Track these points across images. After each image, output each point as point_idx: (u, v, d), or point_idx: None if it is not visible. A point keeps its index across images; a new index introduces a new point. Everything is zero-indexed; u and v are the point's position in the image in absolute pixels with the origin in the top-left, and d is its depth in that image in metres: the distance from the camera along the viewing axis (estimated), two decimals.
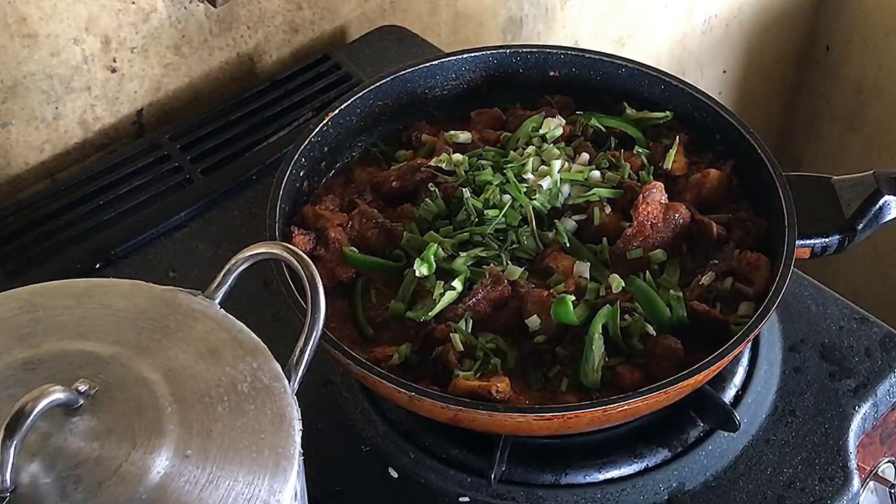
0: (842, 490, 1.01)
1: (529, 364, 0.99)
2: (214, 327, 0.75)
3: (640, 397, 0.90)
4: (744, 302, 1.01)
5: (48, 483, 0.64)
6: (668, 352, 0.96)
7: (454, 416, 0.92)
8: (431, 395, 0.91)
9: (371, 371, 0.93)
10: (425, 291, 1.02)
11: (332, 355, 0.94)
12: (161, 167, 1.30)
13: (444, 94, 1.21)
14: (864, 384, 1.08)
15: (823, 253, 1.06)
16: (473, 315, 1.00)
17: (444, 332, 0.98)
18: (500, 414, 0.90)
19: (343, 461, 1.02)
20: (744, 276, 1.02)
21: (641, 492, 1.00)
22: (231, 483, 0.66)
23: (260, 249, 0.78)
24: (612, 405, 0.90)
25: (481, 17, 1.68)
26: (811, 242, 1.05)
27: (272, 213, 1.03)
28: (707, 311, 0.99)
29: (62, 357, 0.71)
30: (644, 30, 1.96)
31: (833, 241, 1.05)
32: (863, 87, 2.23)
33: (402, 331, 1.02)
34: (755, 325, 0.94)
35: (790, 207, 1.03)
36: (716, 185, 1.10)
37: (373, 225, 1.07)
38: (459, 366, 0.96)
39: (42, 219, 1.24)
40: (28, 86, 1.23)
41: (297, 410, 0.71)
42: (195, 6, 1.32)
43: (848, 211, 1.06)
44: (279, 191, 1.05)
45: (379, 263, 1.06)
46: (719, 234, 1.05)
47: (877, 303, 1.26)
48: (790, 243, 1.00)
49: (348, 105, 1.15)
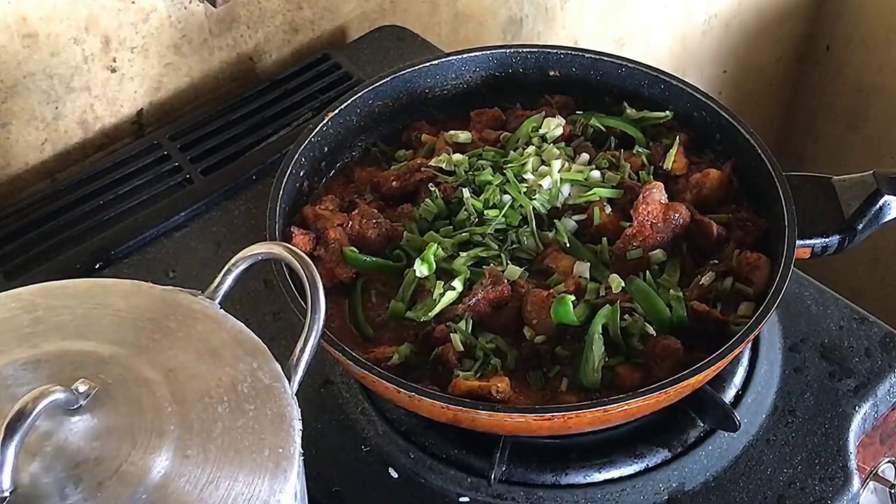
0: (842, 490, 1.01)
1: (529, 364, 0.99)
2: (214, 327, 0.75)
3: (640, 397, 0.90)
4: (744, 302, 1.01)
5: (48, 483, 0.64)
6: (667, 352, 0.96)
7: (454, 417, 0.92)
8: (431, 395, 0.91)
9: (371, 371, 0.93)
10: (425, 291, 1.02)
11: (333, 355, 0.94)
12: (161, 167, 1.30)
13: (444, 94, 1.21)
14: (864, 384, 1.08)
15: (823, 253, 1.06)
16: (473, 315, 1.00)
17: (443, 332, 0.98)
18: (500, 414, 0.90)
19: (343, 461, 1.02)
20: (744, 275, 1.02)
21: (641, 492, 1.00)
22: (231, 483, 0.66)
23: (260, 249, 0.78)
24: (613, 405, 0.90)
25: (481, 17, 1.68)
26: (811, 242, 1.05)
27: (272, 213, 1.03)
28: (707, 311, 0.99)
29: (62, 357, 0.71)
30: (644, 30, 1.96)
31: (833, 242, 1.05)
32: (863, 87, 2.23)
33: (402, 330, 1.02)
34: (755, 325, 0.94)
35: (790, 207, 1.02)
36: (716, 185, 1.10)
37: (373, 225, 1.07)
38: (459, 366, 0.96)
39: (42, 219, 1.24)
40: (28, 86, 1.23)
41: (297, 410, 0.71)
42: (195, 6, 1.32)
43: (848, 211, 1.06)
44: (279, 191, 1.05)
45: (379, 264, 1.06)
46: (719, 233, 1.05)
47: (877, 303, 1.26)
48: (790, 243, 1.00)
49: (348, 105, 1.15)
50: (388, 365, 0.97)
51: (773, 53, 2.27)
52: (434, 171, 1.11)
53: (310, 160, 1.12)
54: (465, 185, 1.09)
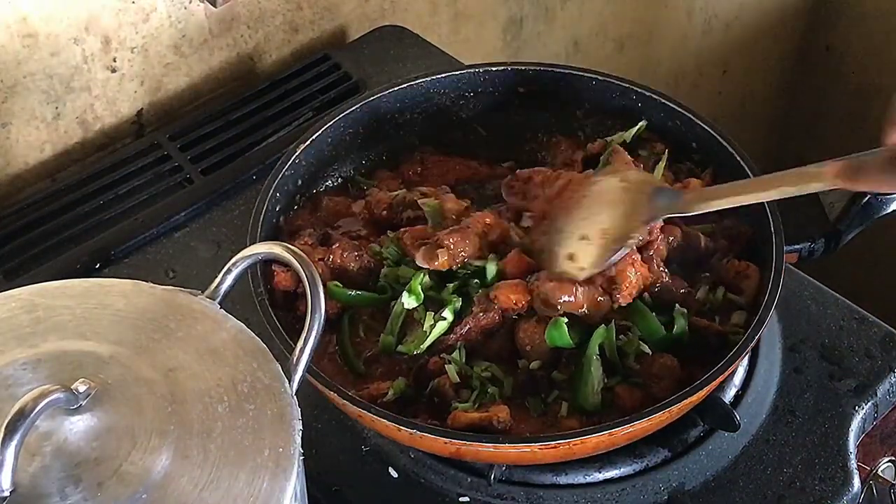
0: (842, 490, 1.01)
1: (527, 390, 0.98)
2: (214, 327, 0.75)
3: (644, 419, 0.90)
4: (736, 311, 1.01)
5: (48, 483, 0.64)
6: (665, 370, 0.96)
7: (457, 451, 0.92)
8: (433, 430, 0.90)
9: (370, 410, 0.91)
10: (414, 322, 1.01)
11: (326, 395, 0.93)
12: (161, 167, 1.30)
13: (415, 118, 1.20)
14: (864, 384, 1.08)
15: (811, 257, 1.06)
16: (465, 344, 0.99)
17: (438, 364, 0.98)
18: (504, 446, 0.89)
19: (343, 461, 1.02)
20: (734, 285, 1.02)
21: (641, 492, 1.00)
22: (231, 483, 0.66)
23: (260, 249, 0.78)
24: (618, 428, 0.89)
25: (481, 17, 1.68)
26: (798, 247, 1.05)
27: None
28: (709, 326, 0.99)
29: (62, 357, 0.71)
30: (644, 30, 1.96)
31: (819, 245, 1.05)
32: (863, 87, 2.23)
33: (393, 364, 1.01)
34: (750, 338, 0.94)
35: (775, 214, 1.02)
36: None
37: (354, 258, 1.05)
38: (457, 397, 0.96)
39: (42, 219, 1.24)
40: (28, 86, 1.23)
41: (297, 410, 0.71)
42: (195, 6, 1.32)
43: (832, 213, 1.05)
44: (257, 229, 1.03)
45: (365, 297, 1.04)
46: (706, 245, 1.05)
47: (877, 303, 1.26)
48: (778, 251, 0.99)
49: (319, 135, 1.13)
50: (385, 401, 0.96)
51: (772, 53, 2.27)
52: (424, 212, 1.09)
53: (284, 194, 1.10)
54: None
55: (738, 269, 1.02)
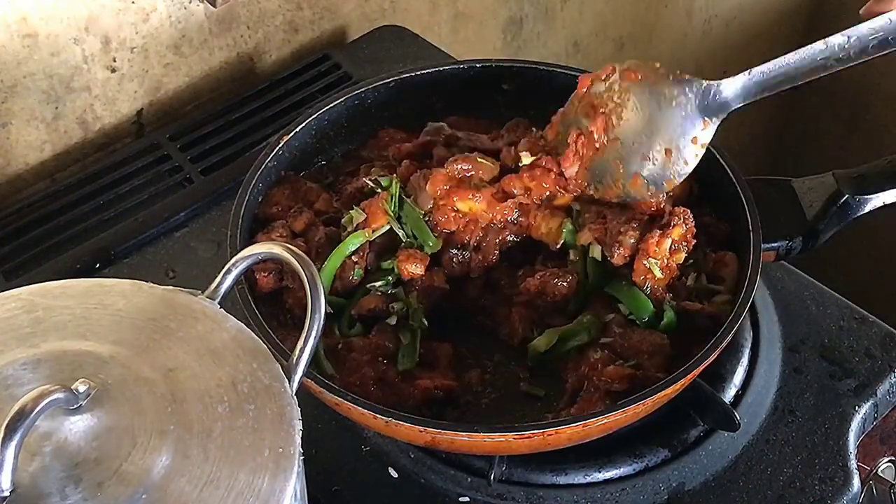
0: (842, 490, 1.01)
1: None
2: (214, 327, 0.75)
3: (618, 410, 0.90)
4: (717, 296, 1.01)
5: (48, 483, 0.64)
6: (655, 348, 0.97)
7: (433, 440, 0.92)
8: (409, 419, 0.90)
9: (345, 398, 0.91)
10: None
11: (306, 385, 0.92)
12: (161, 167, 1.30)
13: (399, 112, 1.19)
14: (864, 384, 1.08)
15: (788, 255, 1.06)
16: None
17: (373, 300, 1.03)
18: (478, 434, 0.89)
19: (343, 461, 1.02)
20: (713, 273, 1.03)
21: (641, 492, 1.00)
22: (231, 483, 0.66)
23: (260, 249, 0.78)
24: (592, 419, 0.90)
25: (481, 17, 1.68)
26: (775, 245, 1.05)
27: (233, 244, 1.01)
28: (701, 309, 0.99)
29: (62, 357, 0.71)
30: (644, 30, 1.96)
31: (797, 243, 1.05)
32: (863, 87, 2.23)
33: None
34: (725, 334, 0.94)
35: (754, 212, 1.02)
36: (678, 193, 1.07)
37: (320, 242, 1.05)
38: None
39: (42, 219, 1.24)
40: (28, 86, 1.23)
41: (297, 410, 0.71)
42: (195, 6, 1.32)
43: (810, 213, 1.06)
44: (238, 224, 1.03)
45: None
46: None
47: (877, 303, 1.26)
48: (756, 248, 1.00)
49: (303, 127, 1.13)
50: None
51: (773, 53, 2.27)
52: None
53: (266, 185, 1.10)
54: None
55: (717, 258, 1.03)
